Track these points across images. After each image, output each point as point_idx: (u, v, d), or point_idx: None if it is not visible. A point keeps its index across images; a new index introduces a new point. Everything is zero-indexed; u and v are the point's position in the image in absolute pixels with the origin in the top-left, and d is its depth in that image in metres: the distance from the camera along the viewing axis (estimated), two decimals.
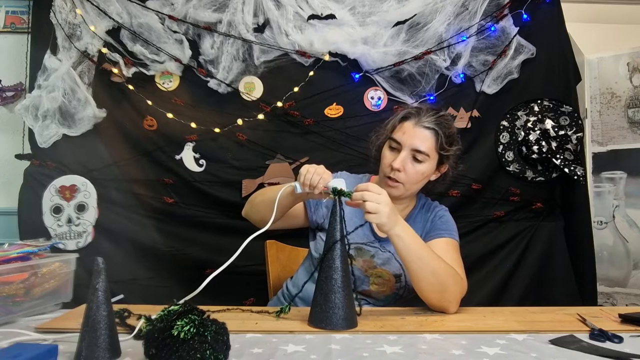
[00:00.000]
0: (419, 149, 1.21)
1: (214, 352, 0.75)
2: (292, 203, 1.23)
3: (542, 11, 1.86)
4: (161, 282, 1.87)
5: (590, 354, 0.83)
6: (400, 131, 1.25)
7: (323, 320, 0.97)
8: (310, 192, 1.10)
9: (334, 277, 0.98)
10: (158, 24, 1.87)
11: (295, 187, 1.13)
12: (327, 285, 0.98)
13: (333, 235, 1.00)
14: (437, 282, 1.10)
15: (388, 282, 1.27)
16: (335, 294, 0.97)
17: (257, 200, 1.30)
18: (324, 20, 1.86)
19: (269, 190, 1.29)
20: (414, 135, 1.22)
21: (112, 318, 0.81)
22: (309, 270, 1.33)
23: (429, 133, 1.22)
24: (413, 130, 1.22)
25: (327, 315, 0.96)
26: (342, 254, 1.00)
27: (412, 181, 1.24)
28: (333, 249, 0.99)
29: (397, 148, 1.24)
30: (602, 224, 2.10)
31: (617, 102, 2.08)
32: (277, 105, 1.86)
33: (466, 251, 1.85)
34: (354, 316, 1.00)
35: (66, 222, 1.87)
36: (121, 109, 1.92)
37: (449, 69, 1.86)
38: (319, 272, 1.00)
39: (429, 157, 1.23)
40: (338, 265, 0.99)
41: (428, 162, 1.23)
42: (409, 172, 1.22)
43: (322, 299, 0.98)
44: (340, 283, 0.98)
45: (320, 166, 1.11)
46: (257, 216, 1.30)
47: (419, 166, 1.23)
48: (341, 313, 0.96)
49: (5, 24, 2.12)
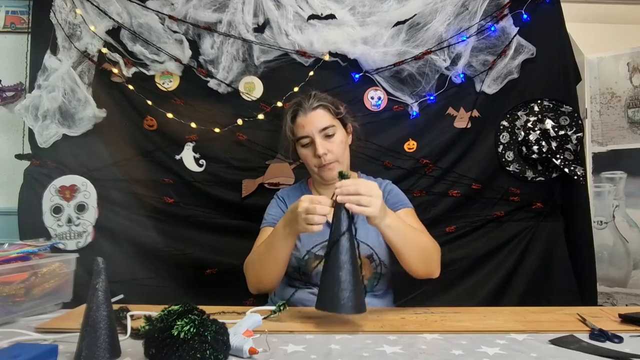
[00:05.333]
0: (324, 126, 1.30)
1: (214, 352, 0.75)
2: (292, 244, 1.19)
3: (542, 11, 1.86)
4: (161, 282, 1.87)
5: (590, 354, 0.83)
6: (300, 127, 1.32)
7: (331, 303, 0.97)
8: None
9: (342, 258, 0.99)
10: (158, 24, 1.87)
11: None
12: (335, 269, 0.99)
13: (340, 223, 1.01)
14: (425, 256, 1.19)
15: (364, 265, 1.28)
16: (343, 278, 0.98)
17: (258, 264, 1.26)
18: (324, 20, 1.86)
19: (264, 251, 1.24)
20: (311, 121, 1.31)
21: (112, 318, 0.81)
22: (290, 283, 1.35)
23: (319, 110, 1.32)
24: (307, 118, 1.31)
25: (337, 298, 0.97)
26: (349, 240, 1.01)
27: (340, 153, 1.33)
28: (341, 237, 1.00)
29: (308, 142, 1.32)
30: (602, 224, 2.10)
31: (617, 102, 2.08)
32: (277, 105, 1.86)
33: (466, 251, 1.88)
34: (363, 301, 1.01)
35: (66, 222, 1.87)
36: (121, 109, 1.92)
37: (449, 69, 1.86)
38: (328, 257, 1.01)
39: (335, 126, 1.32)
40: (346, 249, 1.00)
41: (338, 130, 1.33)
42: (333, 148, 1.30)
43: (331, 282, 0.98)
44: (349, 267, 0.99)
45: (313, 202, 1.05)
46: (268, 278, 1.25)
47: (335, 138, 1.32)
48: (350, 296, 0.97)
49: (5, 24, 2.12)
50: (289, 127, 1.35)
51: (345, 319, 1.07)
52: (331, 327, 1.00)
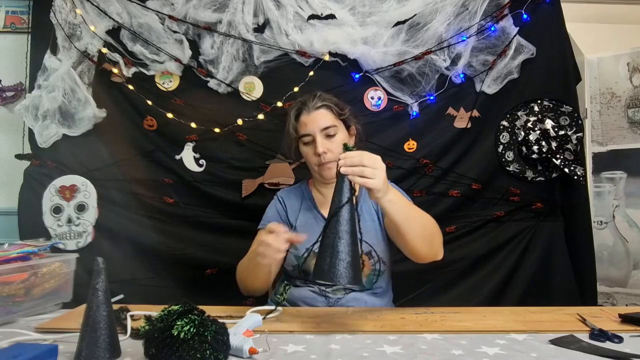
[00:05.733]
0: (326, 126, 1.31)
1: (214, 352, 0.75)
2: (266, 270, 1.20)
3: (542, 11, 1.86)
4: (161, 282, 1.87)
5: (590, 354, 0.83)
6: (303, 126, 1.34)
7: (328, 273, 0.93)
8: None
9: (340, 229, 0.95)
10: (158, 24, 1.87)
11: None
12: (333, 239, 0.95)
13: (341, 194, 0.98)
14: (428, 234, 1.16)
15: (363, 261, 1.28)
16: (341, 249, 0.94)
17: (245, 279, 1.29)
18: (324, 20, 1.86)
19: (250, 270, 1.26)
20: (314, 120, 1.32)
21: (112, 318, 0.81)
22: (290, 276, 1.36)
23: (322, 110, 1.33)
24: (310, 117, 1.32)
25: (334, 268, 0.93)
26: (350, 212, 0.97)
27: (340, 153, 1.29)
28: (341, 208, 0.97)
29: (310, 140, 1.33)
30: (602, 224, 2.10)
31: (617, 102, 2.08)
32: (277, 105, 1.86)
33: (466, 251, 1.88)
34: (359, 274, 0.97)
35: (66, 222, 1.87)
36: (121, 109, 1.92)
37: (449, 69, 1.86)
38: (326, 229, 0.98)
39: (337, 127, 1.33)
40: (346, 220, 0.96)
41: (339, 131, 1.34)
42: (333, 148, 1.30)
43: (328, 253, 0.95)
44: (348, 238, 0.95)
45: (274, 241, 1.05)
46: (254, 287, 1.29)
47: (336, 138, 1.32)
48: (347, 267, 0.93)
49: (5, 24, 2.12)
50: (292, 124, 1.37)
51: (345, 319, 1.07)
52: (331, 327, 1.00)
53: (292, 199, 1.43)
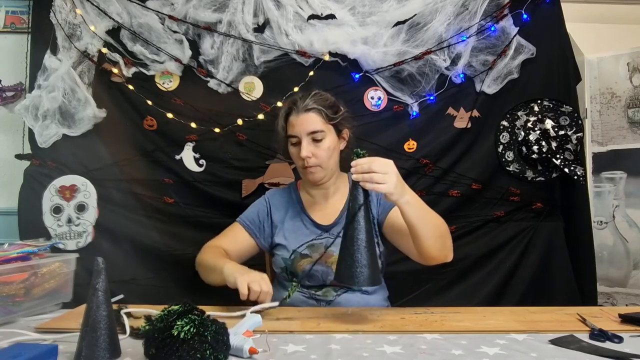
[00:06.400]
0: (313, 130, 1.29)
1: (214, 352, 0.75)
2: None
3: (542, 11, 1.86)
4: (161, 282, 1.87)
5: (590, 354, 0.83)
6: (291, 126, 1.33)
7: (348, 277, 1.01)
8: None
9: (358, 236, 1.02)
10: (158, 24, 1.87)
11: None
12: (351, 245, 1.02)
13: (355, 201, 1.03)
14: (440, 234, 1.17)
15: (382, 262, 1.29)
16: (359, 253, 1.01)
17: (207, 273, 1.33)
18: (324, 20, 1.86)
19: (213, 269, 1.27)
20: (301, 122, 1.30)
21: (112, 318, 0.81)
22: (282, 284, 1.37)
23: (312, 113, 1.30)
24: (299, 119, 1.30)
25: (354, 273, 1.01)
26: (365, 216, 1.03)
27: (325, 159, 1.32)
28: (357, 213, 1.02)
29: (297, 142, 1.32)
30: (602, 224, 2.10)
31: (617, 102, 2.08)
32: (277, 105, 1.86)
33: (466, 251, 1.88)
34: (378, 274, 1.06)
35: (66, 222, 1.87)
36: (121, 109, 1.92)
37: (449, 69, 1.86)
38: (346, 234, 1.04)
39: (325, 132, 1.31)
40: (362, 225, 1.02)
41: (327, 136, 1.31)
42: (318, 153, 1.30)
43: (347, 258, 1.02)
44: (365, 242, 1.02)
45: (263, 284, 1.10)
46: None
47: (322, 144, 1.30)
48: (366, 270, 1.01)
49: (5, 24, 2.12)
50: (281, 124, 1.37)
51: (345, 318, 1.07)
52: (331, 327, 1.00)
53: (279, 201, 1.43)
